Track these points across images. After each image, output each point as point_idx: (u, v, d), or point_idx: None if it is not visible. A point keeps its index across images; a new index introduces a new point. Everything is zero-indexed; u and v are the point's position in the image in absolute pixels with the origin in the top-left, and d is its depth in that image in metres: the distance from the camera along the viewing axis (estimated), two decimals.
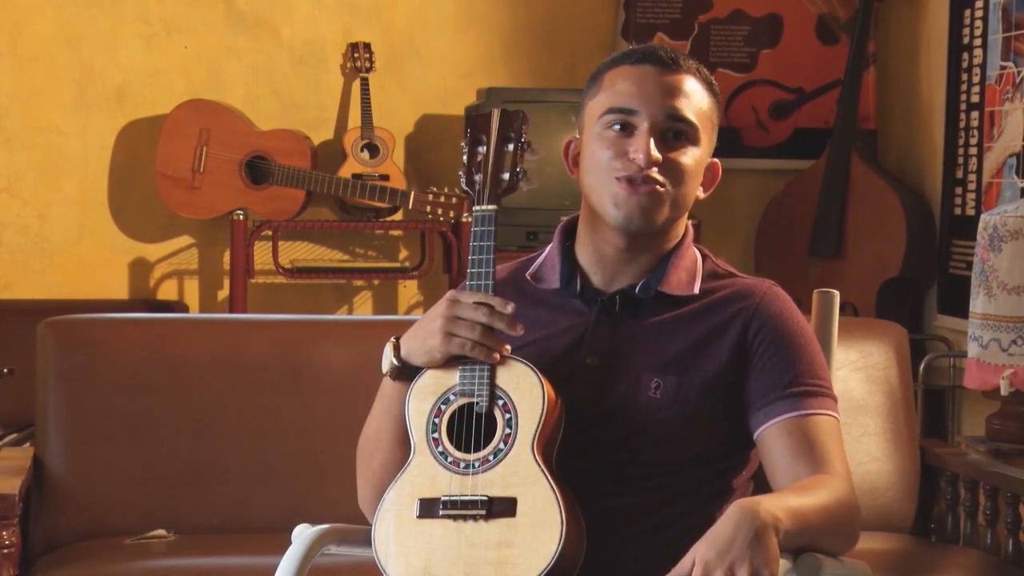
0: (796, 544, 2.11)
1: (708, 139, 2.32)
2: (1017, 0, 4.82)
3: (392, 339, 2.27)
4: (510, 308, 2.18)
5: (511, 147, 2.29)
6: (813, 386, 2.25)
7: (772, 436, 2.23)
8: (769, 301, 2.31)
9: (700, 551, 2.01)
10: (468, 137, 2.31)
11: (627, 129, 2.27)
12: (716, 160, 2.37)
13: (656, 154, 2.25)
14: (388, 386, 2.29)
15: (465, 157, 2.30)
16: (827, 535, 2.17)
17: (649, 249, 2.32)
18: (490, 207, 2.26)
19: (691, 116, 2.28)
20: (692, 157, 2.29)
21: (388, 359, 2.26)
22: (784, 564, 2.11)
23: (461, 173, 2.30)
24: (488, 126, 2.31)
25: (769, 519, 2.03)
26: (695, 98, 2.29)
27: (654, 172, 2.25)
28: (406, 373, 2.25)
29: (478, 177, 2.29)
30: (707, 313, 2.30)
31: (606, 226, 2.29)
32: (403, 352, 2.25)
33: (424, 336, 2.22)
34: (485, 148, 2.30)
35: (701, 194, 2.35)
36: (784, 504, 2.10)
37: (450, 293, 2.23)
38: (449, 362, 2.21)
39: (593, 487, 2.20)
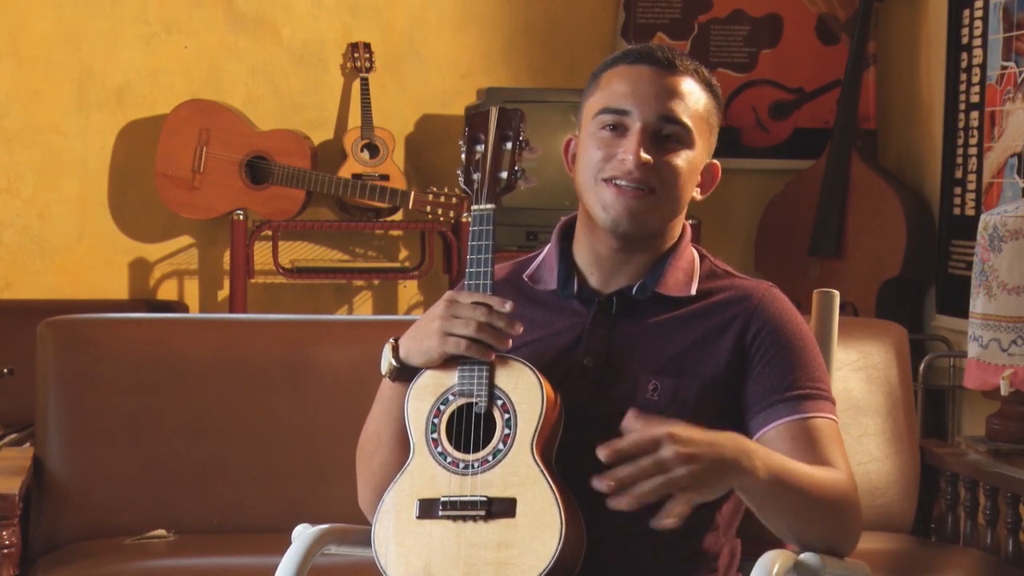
0: (776, 499, 2.11)
1: (704, 141, 2.31)
2: (1018, 0, 4.82)
3: (391, 340, 2.27)
4: (508, 307, 2.18)
5: (509, 146, 2.29)
6: (812, 389, 2.25)
7: (772, 439, 2.23)
8: (768, 303, 2.30)
9: (678, 426, 2.00)
10: (466, 136, 2.31)
11: (619, 130, 2.27)
12: (715, 161, 2.36)
13: (645, 156, 2.24)
14: (387, 387, 2.29)
15: (463, 156, 2.30)
16: (817, 512, 2.16)
17: (645, 249, 2.31)
18: (488, 206, 2.26)
19: (685, 118, 2.27)
20: (685, 159, 2.28)
21: (387, 360, 2.26)
22: (786, 562, 2.11)
23: (459, 172, 2.30)
24: (486, 125, 2.31)
25: (747, 465, 2.04)
26: (690, 100, 2.29)
27: (643, 175, 2.24)
28: (405, 374, 2.25)
29: (476, 176, 2.28)
30: (705, 314, 2.29)
31: (599, 227, 2.29)
32: (401, 353, 2.25)
33: (422, 337, 2.22)
34: (483, 147, 2.30)
35: (698, 195, 2.34)
36: (778, 460, 2.11)
37: (448, 294, 2.22)
38: (448, 362, 2.20)
39: (592, 487, 2.19)
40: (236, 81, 5.55)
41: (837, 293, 2.51)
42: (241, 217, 5.31)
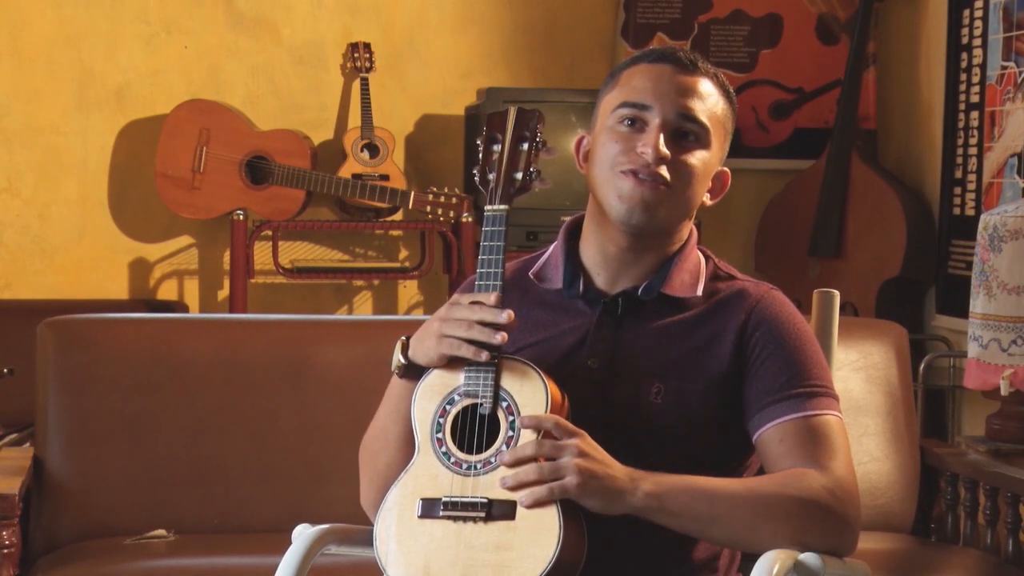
0: (682, 519, 2.13)
1: (719, 144, 2.32)
2: (1018, 0, 4.82)
3: (402, 338, 2.28)
4: (492, 299, 2.18)
5: (525, 146, 2.28)
6: (810, 387, 2.25)
7: (769, 439, 2.23)
8: (766, 304, 2.30)
9: (586, 440, 2.10)
10: (483, 135, 2.30)
11: (638, 124, 2.27)
12: (726, 169, 2.37)
13: (664, 150, 2.25)
14: (396, 385, 2.30)
15: (480, 155, 2.29)
16: (756, 520, 2.14)
17: (653, 249, 2.31)
18: (501, 207, 2.25)
19: (703, 118, 2.28)
20: (700, 159, 2.28)
21: (396, 357, 2.27)
22: (786, 561, 2.11)
23: (475, 171, 2.30)
24: (504, 125, 2.30)
25: (630, 488, 2.09)
26: (709, 101, 2.29)
27: (661, 169, 2.25)
28: (412, 372, 2.25)
29: (491, 176, 2.27)
30: (709, 317, 2.29)
31: (611, 223, 2.29)
32: (409, 351, 2.26)
33: (424, 337, 2.23)
34: (500, 147, 2.29)
35: (708, 200, 2.34)
36: (678, 481, 2.13)
37: (454, 296, 2.23)
38: (456, 362, 2.20)
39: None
40: (236, 81, 5.55)
41: (837, 293, 2.51)
42: (241, 217, 5.31)
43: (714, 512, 2.14)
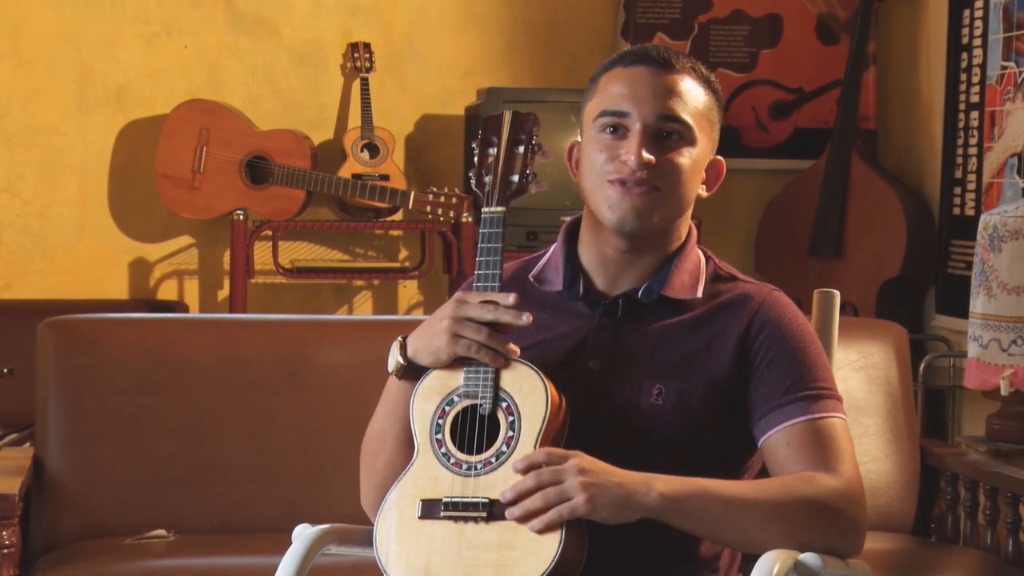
0: (696, 521, 2.13)
1: (706, 137, 2.31)
2: (1018, 0, 4.82)
3: (399, 338, 2.27)
4: (511, 299, 2.18)
5: (521, 149, 2.29)
6: (816, 389, 2.25)
7: (776, 442, 2.22)
8: (770, 307, 2.30)
9: (583, 457, 2.10)
10: (479, 138, 2.31)
11: (620, 132, 2.27)
12: (720, 157, 2.36)
13: (648, 156, 2.24)
14: (393, 385, 2.29)
15: (475, 158, 2.30)
16: (767, 523, 2.14)
17: (651, 250, 2.31)
18: (499, 209, 2.26)
19: (685, 116, 2.27)
20: (688, 157, 2.28)
21: (394, 358, 2.26)
22: (786, 561, 2.11)
23: (471, 174, 2.30)
24: (499, 128, 2.31)
25: (643, 491, 2.09)
26: (689, 97, 2.29)
27: (646, 174, 2.24)
28: (412, 372, 2.25)
29: (488, 179, 2.28)
30: (709, 318, 2.29)
31: (605, 229, 2.29)
32: (409, 351, 2.25)
33: (430, 336, 2.22)
34: (496, 150, 2.30)
35: (704, 192, 2.34)
36: (689, 484, 2.12)
37: (458, 294, 2.23)
38: (454, 363, 2.21)
39: None
40: (236, 81, 5.55)
41: (837, 293, 2.51)
42: (241, 217, 5.31)
43: (726, 514, 2.13)
